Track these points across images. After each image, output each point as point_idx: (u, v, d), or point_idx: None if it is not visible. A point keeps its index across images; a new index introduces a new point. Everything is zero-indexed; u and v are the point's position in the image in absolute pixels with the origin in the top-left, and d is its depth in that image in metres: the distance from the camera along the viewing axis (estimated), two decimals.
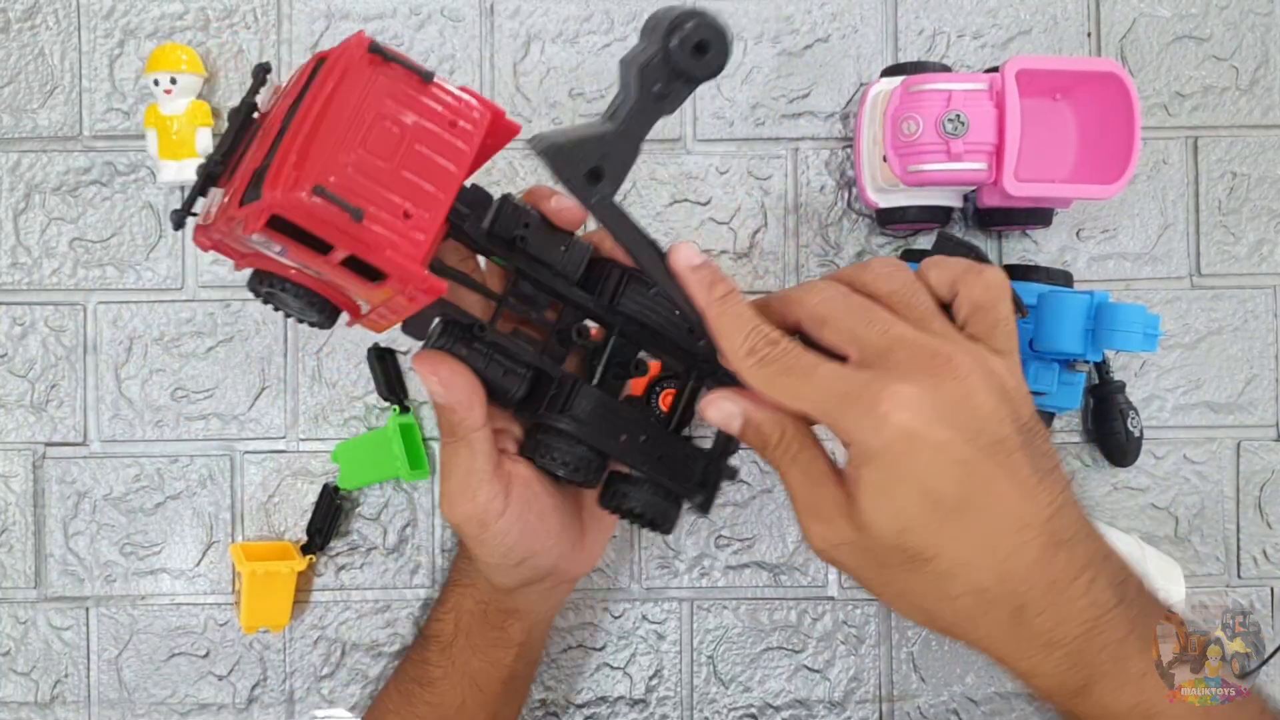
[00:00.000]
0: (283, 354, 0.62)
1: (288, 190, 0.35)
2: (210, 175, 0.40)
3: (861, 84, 0.63)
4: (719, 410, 0.40)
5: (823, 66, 0.63)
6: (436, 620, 0.53)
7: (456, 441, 0.44)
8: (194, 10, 0.62)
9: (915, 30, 0.63)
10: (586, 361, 0.47)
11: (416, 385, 0.62)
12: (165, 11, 0.62)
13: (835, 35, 0.63)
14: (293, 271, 0.39)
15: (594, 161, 0.38)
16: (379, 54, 0.37)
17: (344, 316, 0.43)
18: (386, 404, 0.61)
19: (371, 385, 0.62)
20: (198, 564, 0.62)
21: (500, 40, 0.62)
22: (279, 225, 0.36)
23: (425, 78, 0.38)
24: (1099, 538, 0.38)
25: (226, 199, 0.39)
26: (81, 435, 0.62)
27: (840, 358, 0.38)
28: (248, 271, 0.42)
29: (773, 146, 0.63)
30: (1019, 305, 0.40)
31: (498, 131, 0.41)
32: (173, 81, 0.59)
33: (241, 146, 0.40)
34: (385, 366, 0.61)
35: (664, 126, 0.62)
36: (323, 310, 0.41)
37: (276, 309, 0.42)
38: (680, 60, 0.37)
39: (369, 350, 0.61)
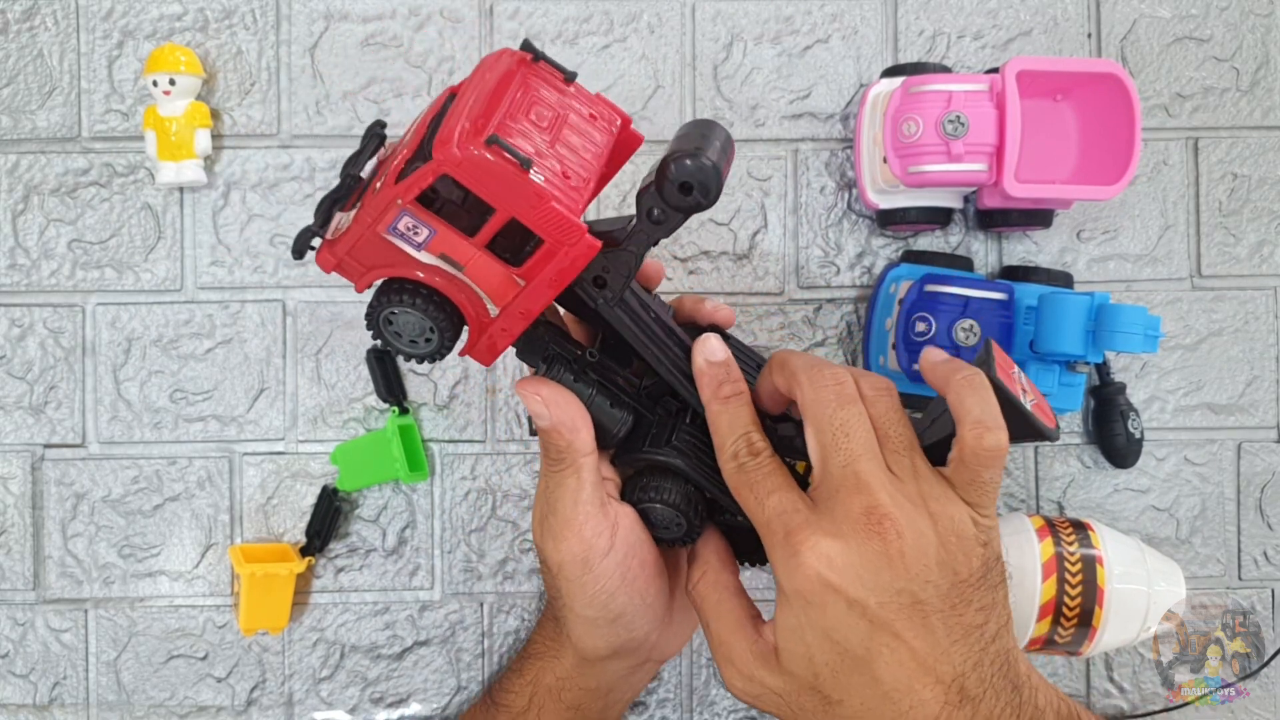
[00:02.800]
0: (281, 355, 0.62)
1: (463, 143, 0.36)
2: (336, 200, 0.40)
3: (862, 85, 0.63)
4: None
5: (823, 67, 0.63)
6: (510, 692, 0.51)
7: (563, 469, 0.43)
8: (193, 11, 0.62)
9: (915, 31, 0.63)
10: (675, 412, 0.47)
11: (415, 386, 0.62)
12: (164, 12, 0.62)
13: (835, 36, 0.63)
14: (423, 274, 0.40)
15: (597, 271, 0.42)
16: (530, 51, 0.42)
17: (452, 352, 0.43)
18: (386, 406, 0.61)
19: (370, 387, 0.62)
20: (196, 566, 0.62)
21: (500, 41, 0.62)
22: (428, 203, 0.38)
23: (569, 77, 0.43)
24: (1020, 689, 0.39)
25: (375, 192, 0.39)
26: (80, 437, 0.62)
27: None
28: (246, 272, 0.42)
29: (773, 147, 0.63)
30: (1046, 435, 0.41)
31: (626, 140, 0.44)
32: (171, 83, 0.59)
33: (369, 172, 0.42)
34: (384, 368, 0.61)
35: (664, 127, 0.62)
36: (446, 328, 0.41)
37: (385, 346, 0.43)
38: (670, 195, 0.40)
39: (368, 352, 0.61)
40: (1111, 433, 0.60)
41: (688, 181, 0.39)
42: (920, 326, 0.57)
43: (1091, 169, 0.57)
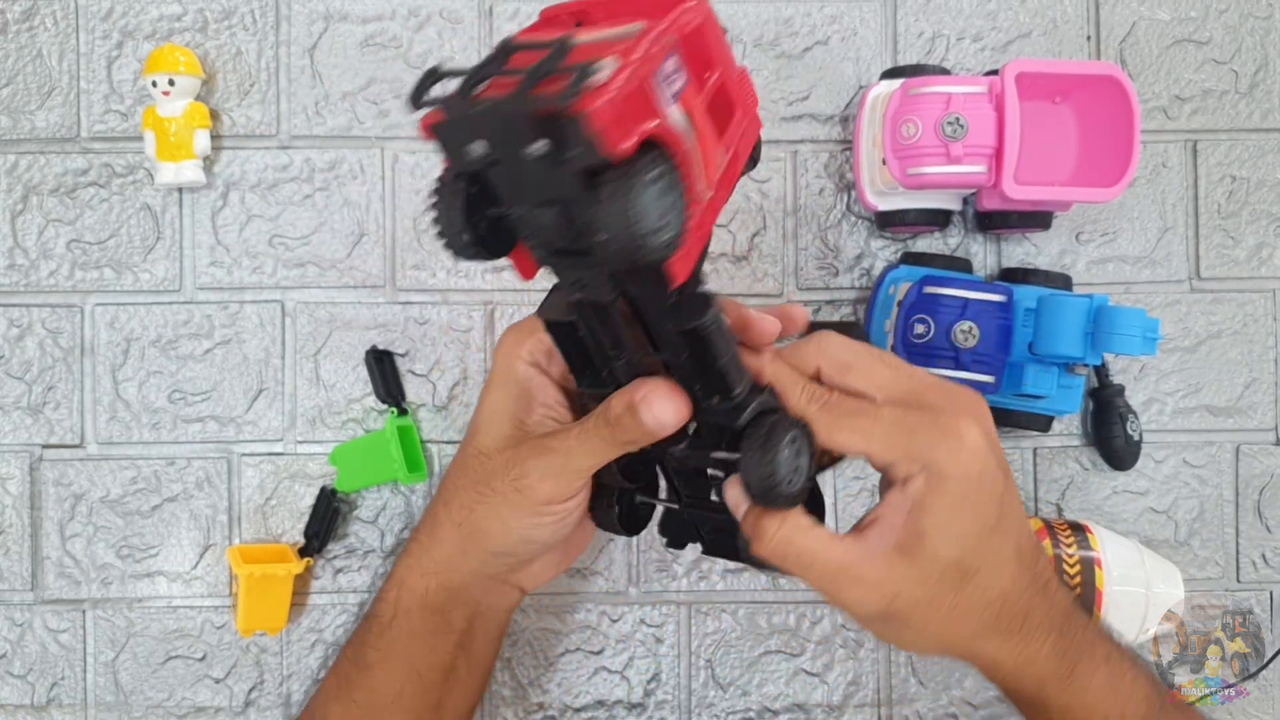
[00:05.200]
0: (280, 356, 0.62)
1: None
2: (486, 67, 0.35)
3: (861, 86, 0.63)
4: (732, 495, 0.44)
5: (822, 69, 0.63)
6: (379, 600, 0.51)
7: (610, 442, 0.43)
8: (192, 12, 0.62)
9: (915, 33, 0.63)
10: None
11: (415, 387, 0.62)
12: (163, 13, 0.62)
13: (835, 38, 0.63)
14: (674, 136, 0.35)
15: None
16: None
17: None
18: (384, 406, 0.61)
19: (369, 388, 0.62)
20: (195, 567, 0.62)
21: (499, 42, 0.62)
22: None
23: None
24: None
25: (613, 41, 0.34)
26: (78, 437, 0.62)
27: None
28: (245, 273, 0.40)
29: (772, 149, 0.63)
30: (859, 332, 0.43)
31: (754, 122, 0.43)
32: (171, 83, 0.59)
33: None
34: (383, 368, 0.61)
35: None
36: (686, 210, 0.35)
37: (606, 239, 0.33)
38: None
39: (367, 353, 0.61)
40: (1110, 435, 0.60)
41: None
42: (919, 328, 0.57)
43: (1090, 171, 0.57)
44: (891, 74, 0.60)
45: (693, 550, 0.62)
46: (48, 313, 0.62)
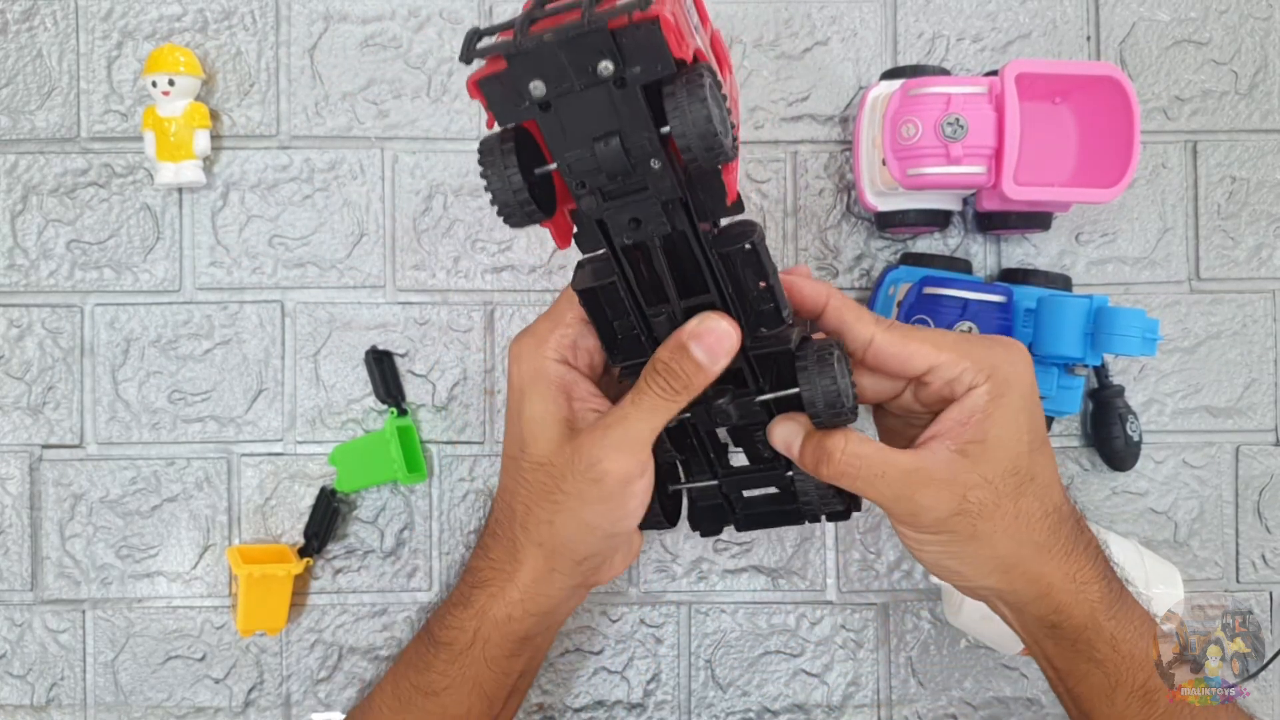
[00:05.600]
0: (280, 356, 0.62)
1: None
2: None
3: (861, 87, 0.63)
4: (774, 436, 0.45)
5: (822, 69, 0.63)
6: (452, 628, 0.48)
7: (676, 400, 0.42)
8: (192, 12, 0.62)
9: (914, 33, 0.63)
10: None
11: (414, 388, 0.62)
12: (163, 13, 0.62)
13: (834, 38, 0.63)
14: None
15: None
16: None
17: None
18: (384, 407, 0.61)
19: (369, 388, 0.62)
20: (194, 567, 0.62)
21: None
22: None
23: None
24: None
25: None
26: (78, 437, 0.62)
27: None
28: (245, 273, 0.41)
29: (771, 150, 0.63)
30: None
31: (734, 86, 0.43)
32: (170, 83, 0.59)
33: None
34: (383, 369, 0.61)
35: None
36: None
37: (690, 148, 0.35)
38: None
39: (366, 353, 0.61)
40: (1110, 435, 0.61)
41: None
42: None
43: (1090, 172, 0.57)
44: (891, 74, 0.60)
45: (693, 550, 0.62)
46: (48, 313, 0.62)
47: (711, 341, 0.41)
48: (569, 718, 0.62)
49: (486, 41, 0.35)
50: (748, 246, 0.40)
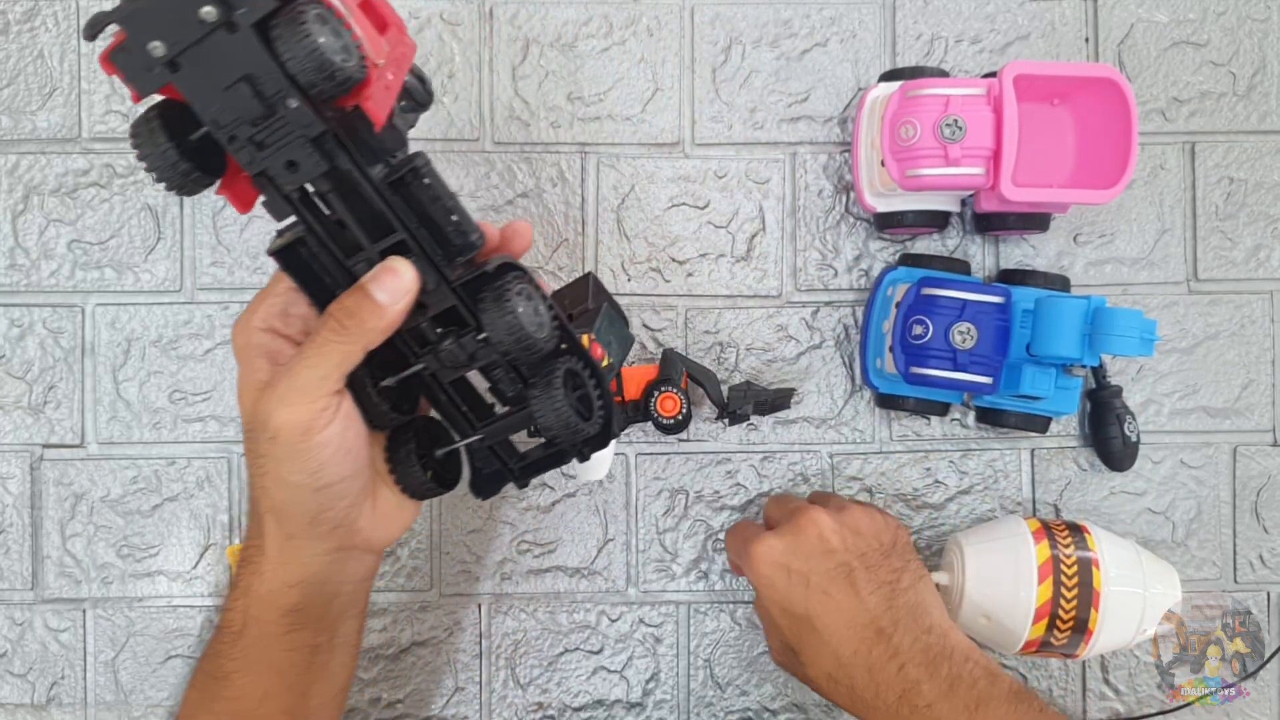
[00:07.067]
0: None
1: None
2: None
3: (860, 88, 0.63)
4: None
5: (821, 71, 0.63)
6: (227, 610, 0.48)
7: (348, 344, 0.42)
8: None
9: (913, 35, 0.63)
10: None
11: None
12: None
13: (834, 40, 0.63)
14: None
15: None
16: None
17: None
18: None
19: None
20: (195, 566, 0.62)
21: (499, 45, 0.62)
22: None
23: None
24: (926, 631, 0.51)
25: None
26: (79, 437, 0.62)
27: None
28: (246, 273, 0.41)
29: (771, 151, 0.63)
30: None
31: (409, 45, 0.43)
32: None
33: None
34: None
35: (663, 129, 0.62)
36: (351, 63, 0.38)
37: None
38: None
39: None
40: (1108, 436, 0.61)
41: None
42: (917, 329, 0.57)
43: (1088, 173, 0.57)
44: (890, 76, 0.60)
45: (692, 550, 0.62)
46: (49, 313, 0.62)
47: (389, 280, 0.41)
48: (568, 717, 0.62)
49: (102, 15, 0.36)
50: (424, 181, 0.40)
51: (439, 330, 0.45)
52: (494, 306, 0.42)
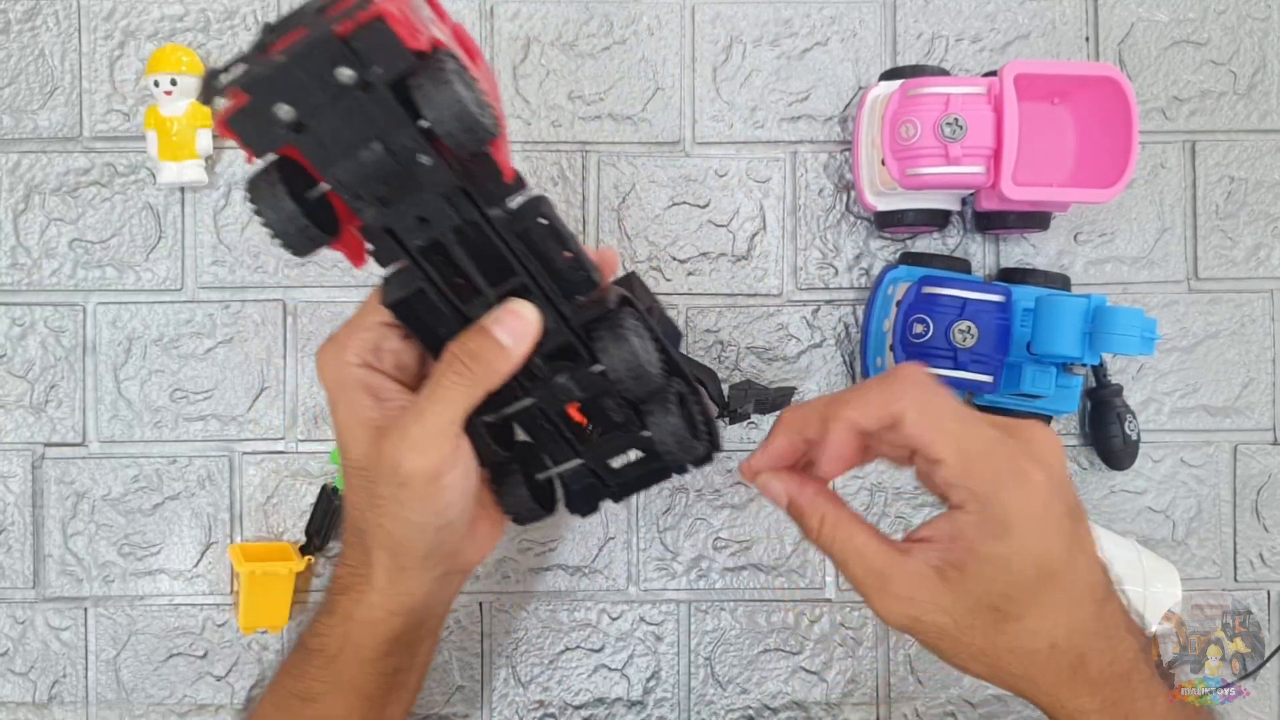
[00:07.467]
0: (282, 355, 0.62)
1: None
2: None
3: (860, 87, 0.63)
4: (769, 489, 0.44)
5: (822, 70, 0.63)
6: (321, 635, 0.48)
7: (475, 388, 0.42)
8: (194, 12, 0.62)
9: (914, 34, 0.63)
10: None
11: None
12: (166, 13, 0.62)
13: (834, 39, 0.63)
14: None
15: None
16: None
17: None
18: None
19: None
20: (196, 565, 0.62)
21: (500, 43, 0.62)
22: None
23: None
24: (1118, 584, 0.42)
25: None
26: (80, 436, 0.62)
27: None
28: (247, 272, 0.41)
29: (771, 149, 0.63)
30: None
31: (491, 79, 0.43)
32: (173, 83, 0.59)
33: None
34: None
35: (664, 129, 0.63)
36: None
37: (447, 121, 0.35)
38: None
39: None
40: (1108, 434, 0.61)
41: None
42: (918, 328, 0.57)
43: (1089, 172, 0.57)
44: (891, 75, 0.60)
45: (692, 549, 0.62)
46: (50, 311, 0.62)
47: (513, 323, 0.42)
48: (569, 715, 0.62)
49: (224, 78, 0.35)
50: (543, 222, 0.40)
51: (551, 365, 0.45)
52: (612, 342, 0.42)
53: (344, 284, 0.62)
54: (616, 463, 0.50)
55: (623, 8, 0.62)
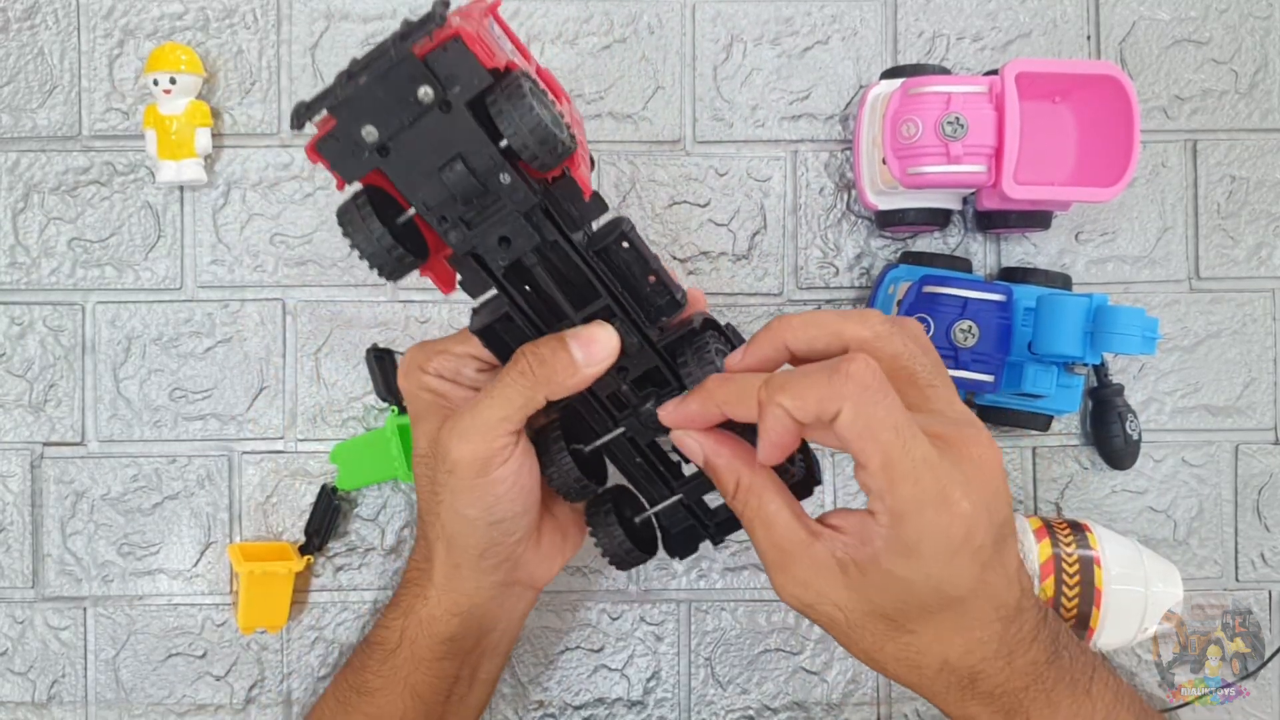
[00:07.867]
0: (281, 354, 0.62)
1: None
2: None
3: (861, 86, 0.63)
4: (684, 444, 0.42)
5: (822, 68, 0.63)
6: (383, 628, 0.50)
7: (536, 390, 0.42)
8: (194, 10, 0.62)
9: (915, 33, 0.63)
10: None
11: None
12: (165, 11, 0.62)
13: (835, 37, 0.63)
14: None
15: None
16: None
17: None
18: (385, 405, 0.61)
19: (370, 386, 0.62)
20: (195, 564, 0.62)
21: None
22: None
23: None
24: (1039, 596, 0.42)
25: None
26: (79, 435, 0.62)
27: None
28: (247, 271, 0.41)
29: (772, 148, 0.63)
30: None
31: (577, 119, 0.46)
32: (172, 81, 0.59)
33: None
34: (384, 367, 0.61)
35: (664, 127, 0.62)
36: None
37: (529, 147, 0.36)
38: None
39: (367, 351, 0.61)
40: (1109, 434, 0.61)
41: None
42: None
43: (1090, 171, 0.57)
44: (891, 74, 0.60)
45: None
46: (49, 310, 0.62)
47: (589, 343, 0.42)
48: (569, 715, 0.62)
49: (312, 107, 0.37)
50: (625, 245, 0.41)
51: (638, 393, 0.45)
52: (698, 366, 0.43)
53: (344, 284, 0.62)
54: (714, 501, 0.49)
55: (623, 6, 0.62)
